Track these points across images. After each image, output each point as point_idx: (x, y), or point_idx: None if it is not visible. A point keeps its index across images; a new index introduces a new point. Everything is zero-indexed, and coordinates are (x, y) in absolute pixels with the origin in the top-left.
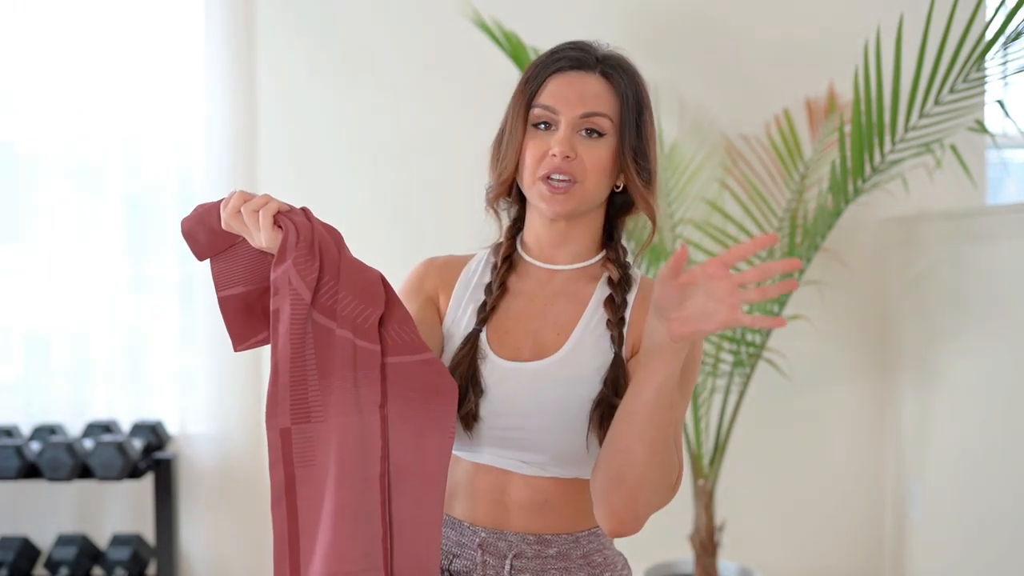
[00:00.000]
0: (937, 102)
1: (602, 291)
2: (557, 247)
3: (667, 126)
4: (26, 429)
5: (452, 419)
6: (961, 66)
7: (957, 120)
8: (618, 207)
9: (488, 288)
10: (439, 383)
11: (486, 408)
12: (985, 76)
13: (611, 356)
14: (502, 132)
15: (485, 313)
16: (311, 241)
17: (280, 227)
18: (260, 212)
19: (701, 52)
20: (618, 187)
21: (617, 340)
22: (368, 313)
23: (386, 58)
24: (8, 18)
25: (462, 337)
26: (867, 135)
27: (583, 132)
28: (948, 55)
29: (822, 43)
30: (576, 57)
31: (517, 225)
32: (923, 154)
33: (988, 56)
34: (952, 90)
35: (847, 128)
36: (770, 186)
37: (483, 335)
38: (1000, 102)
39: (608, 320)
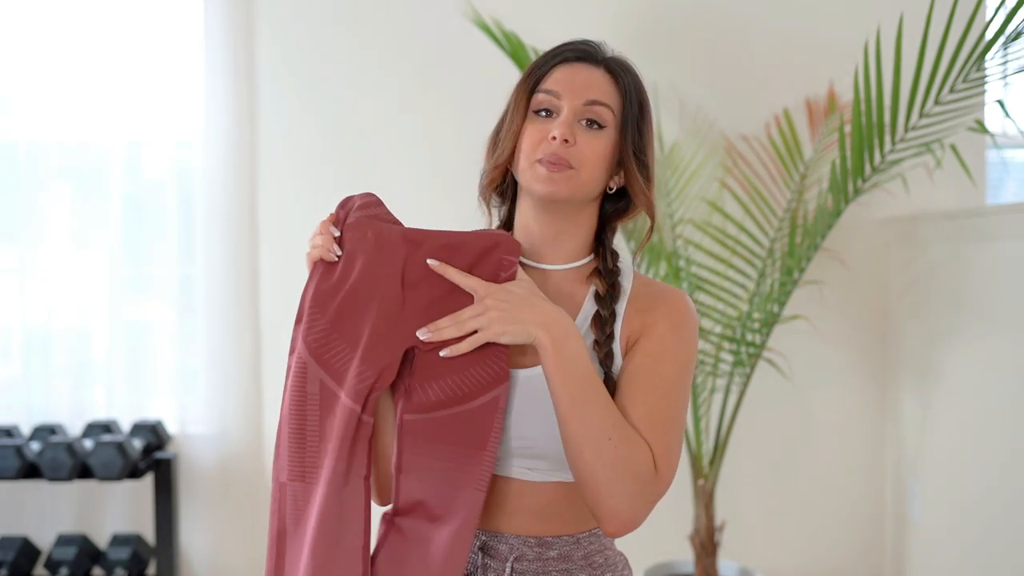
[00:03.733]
0: (937, 102)
1: (591, 303)
2: (548, 244)
3: (667, 126)
4: (26, 429)
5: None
6: (961, 66)
7: (957, 120)
8: (610, 212)
9: None
10: (480, 435)
11: None
12: (985, 76)
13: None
14: (502, 120)
15: None
16: (325, 301)
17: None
18: (307, 253)
19: (701, 52)
20: (611, 189)
21: (602, 359)
22: (378, 386)
23: (386, 58)
24: (8, 18)
25: None
26: (867, 135)
27: (584, 122)
28: (948, 55)
29: (822, 43)
30: (583, 50)
31: (506, 226)
32: (923, 154)
33: (988, 56)
34: (952, 90)
35: (847, 128)
36: (770, 186)
37: None
38: (1000, 102)
39: (595, 341)
